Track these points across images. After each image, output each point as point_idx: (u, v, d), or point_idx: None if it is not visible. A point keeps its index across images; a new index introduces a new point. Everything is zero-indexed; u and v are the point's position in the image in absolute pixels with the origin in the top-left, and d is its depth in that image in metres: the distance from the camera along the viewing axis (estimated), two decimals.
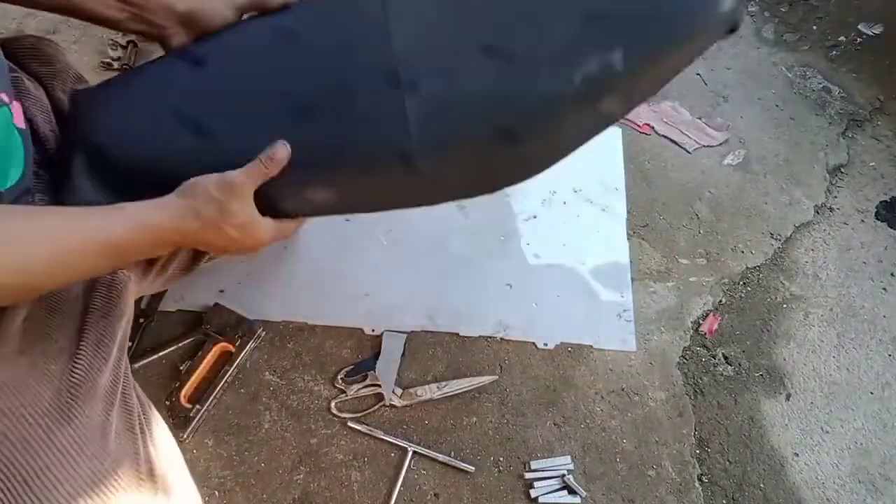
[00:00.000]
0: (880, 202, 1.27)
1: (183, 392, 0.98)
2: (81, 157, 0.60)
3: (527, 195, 1.24)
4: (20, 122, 0.58)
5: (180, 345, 1.04)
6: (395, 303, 1.11)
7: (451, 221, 1.20)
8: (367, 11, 0.58)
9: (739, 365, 1.08)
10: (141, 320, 1.05)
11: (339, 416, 1.00)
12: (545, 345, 1.08)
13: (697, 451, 1.01)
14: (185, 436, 0.97)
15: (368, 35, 0.57)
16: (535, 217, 1.22)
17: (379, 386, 1.02)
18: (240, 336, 1.03)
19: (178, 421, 0.97)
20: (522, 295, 1.13)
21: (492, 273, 1.15)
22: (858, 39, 1.50)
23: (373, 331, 1.08)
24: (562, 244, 1.19)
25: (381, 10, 0.57)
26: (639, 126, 1.34)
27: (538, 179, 1.27)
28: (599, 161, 1.29)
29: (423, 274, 1.14)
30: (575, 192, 1.25)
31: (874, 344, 1.11)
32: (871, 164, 1.32)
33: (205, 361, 1.01)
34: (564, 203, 1.24)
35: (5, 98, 0.56)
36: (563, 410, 1.03)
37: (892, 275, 1.18)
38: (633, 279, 1.15)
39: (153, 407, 0.70)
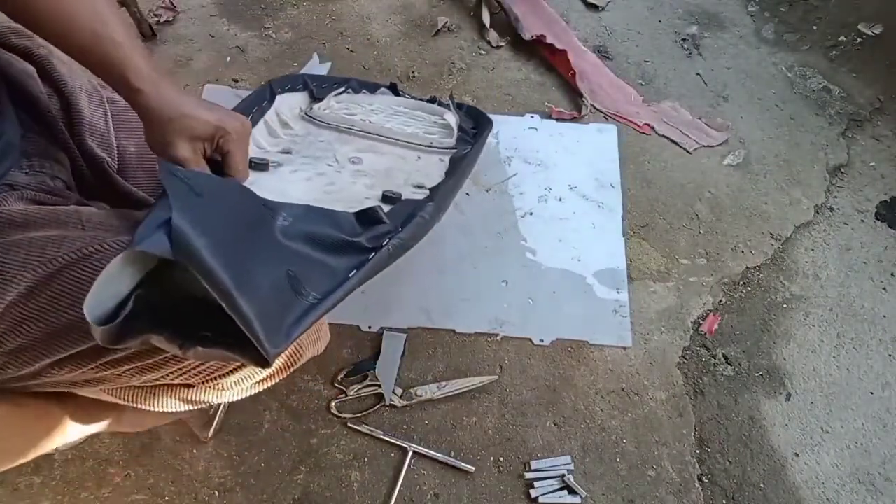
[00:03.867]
0: (880, 202, 1.27)
1: None
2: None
3: (523, 192, 1.24)
4: None
5: None
6: (391, 299, 1.11)
7: (446, 218, 1.19)
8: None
9: (739, 365, 1.08)
10: None
11: (339, 416, 1.00)
12: (541, 341, 1.08)
13: (697, 451, 1.01)
14: (209, 435, 0.97)
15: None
16: (530, 214, 1.22)
17: (379, 386, 1.02)
18: None
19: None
20: (518, 291, 1.13)
21: (487, 270, 1.15)
22: (858, 39, 1.50)
23: (369, 327, 1.08)
24: (557, 241, 1.19)
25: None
26: (639, 126, 1.34)
27: (533, 177, 1.29)
28: (595, 158, 1.29)
29: (419, 271, 1.14)
30: (570, 188, 1.25)
31: (874, 344, 1.11)
32: (871, 164, 1.32)
33: None
34: (560, 200, 1.24)
35: None
36: (563, 410, 1.03)
37: (892, 275, 1.18)
38: (633, 279, 1.16)
39: None
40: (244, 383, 0.73)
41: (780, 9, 1.56)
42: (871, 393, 1.06)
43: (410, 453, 0.98)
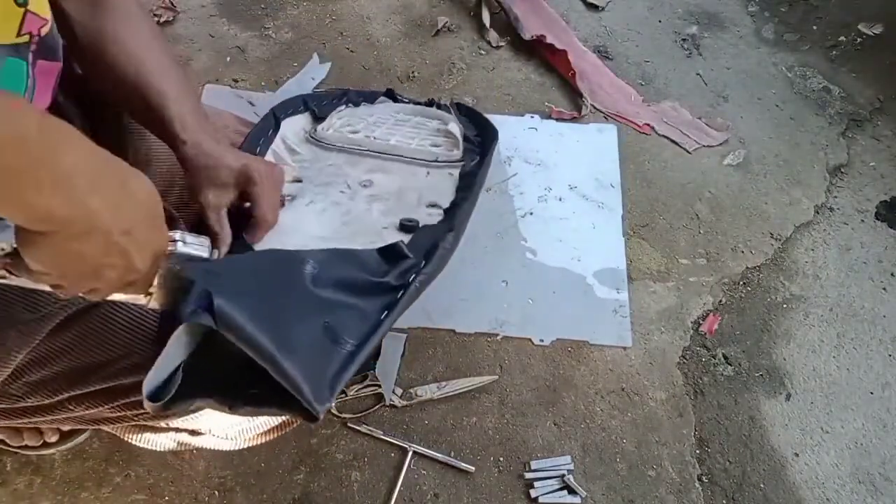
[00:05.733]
0: (880, 202, 1.27)
1: None
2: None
3: (523, 192, 1.24)
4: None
5: None
6: None
7: None
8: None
9: (739, 365, 1.08)
10: None
11: (339, 416, 1.00)
12: (541, 341, 1.08)
13: (697, 451, 1.01)
14: None
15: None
16: (530, 214, 1.22)
17: (379, 386, 1.02)
18: None
19: None
20: (518, 291, 1.13)
21: (488, 270, 1.15)
22: (858, 39, 1.50)
23: None
24: (557, 241, 1.19)
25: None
26: (639, 126, 1.34)
27: (533, 177, 1.29)
28: (595, 158, 1.29)
29: None
30: (570, 188, 1.25)
31: (874, 344, 1.11)
32: (871, 164, 1.32)
33: None
34: (560, 200, 1.24)
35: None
36: (563, 410, 1.03)
37: (892, 275, 1.18)
38: (633, 279, 1.16)
39: None
40: (247, 434, 0.74)
41: (780, 9, 1.56)
42: (871, 393, 1.06)
43: (410, 453, 0.98)
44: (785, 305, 1.15)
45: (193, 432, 0.73)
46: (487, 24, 1.47)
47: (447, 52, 1.44)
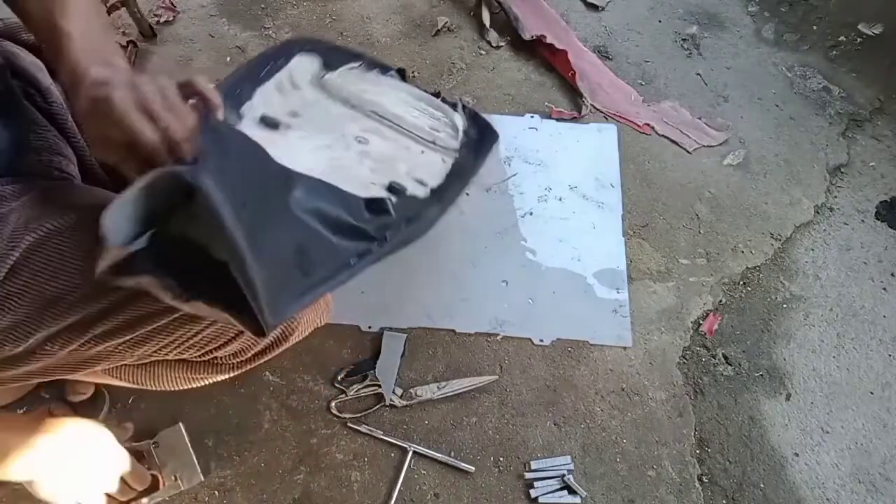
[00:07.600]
0: (880, 202, 1.27)
1: None
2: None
3: (523, 192, 1.24)
4: None
5: None
6: (391, 300, 1.11)
7: (447, 218, 1.19)
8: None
9: (739, 365, 1.08)
10: None
11: (339, 416, 1.00)
12: (541, 341, 1.08)
13: (697, 451, 1.01)
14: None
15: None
16: (530, 213, 1.22)
17: (379, 386, 1.02)
18: None
19: None
20: (518, 291, 1.13)
21: (488, 270, 1.15)
22: (858, 39, 1.50)
23: (369, 327, 1.08)
24: (557, 241, 1.19)
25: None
26: (639, 126, 1.34)
27: (534, 177, 1.29)
28: (595, 158, 1.29)
29: (419, 271, 1.14)
30: (571, 188, 1.25)
31: (874, 344, 1.11)
32: (871, 164, 1.32)
33: None
34: (560, 200, 1.24)
35: None
36: (563, 410, 1.03)
37: (892, 275, 1.18)
38: (633, 279, 1.16)
39: None
40: (240, 356, 0.75)
41: (780, 9, 1.56)
42: (871, 393, 1.06)
43: (410, 453, 0.98)
44: (785, 305, 1.15)
45: (183, 362, 0.75)
46: (487, 24, 1.47)
47: (447, 52, 1.44)
